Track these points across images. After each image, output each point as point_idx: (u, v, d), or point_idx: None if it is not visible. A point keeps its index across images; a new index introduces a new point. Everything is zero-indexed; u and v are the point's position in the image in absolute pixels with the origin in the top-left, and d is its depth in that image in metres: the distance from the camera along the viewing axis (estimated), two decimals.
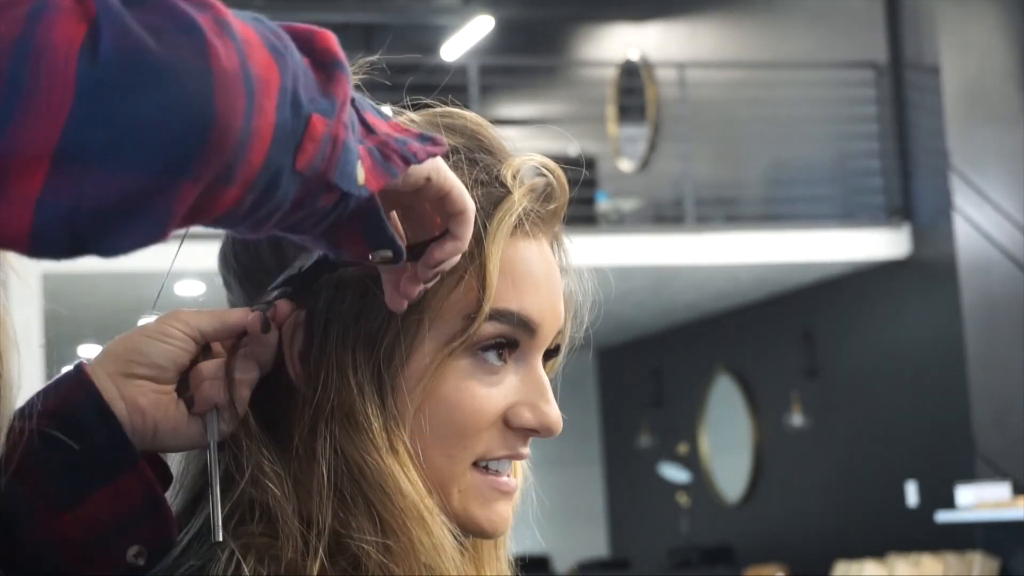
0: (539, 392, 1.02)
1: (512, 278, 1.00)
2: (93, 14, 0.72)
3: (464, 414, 0.99)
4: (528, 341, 1.02)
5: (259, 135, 0.76)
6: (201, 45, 0.74)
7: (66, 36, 0.71)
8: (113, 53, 0.71)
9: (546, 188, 1.04)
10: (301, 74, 0.80)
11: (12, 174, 0.70)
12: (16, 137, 0.70)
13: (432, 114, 1.06)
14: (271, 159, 0.78)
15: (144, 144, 0.72)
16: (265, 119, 0.76)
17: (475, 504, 1.01)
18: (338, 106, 0.82)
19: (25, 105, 0.70)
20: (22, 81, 0.70)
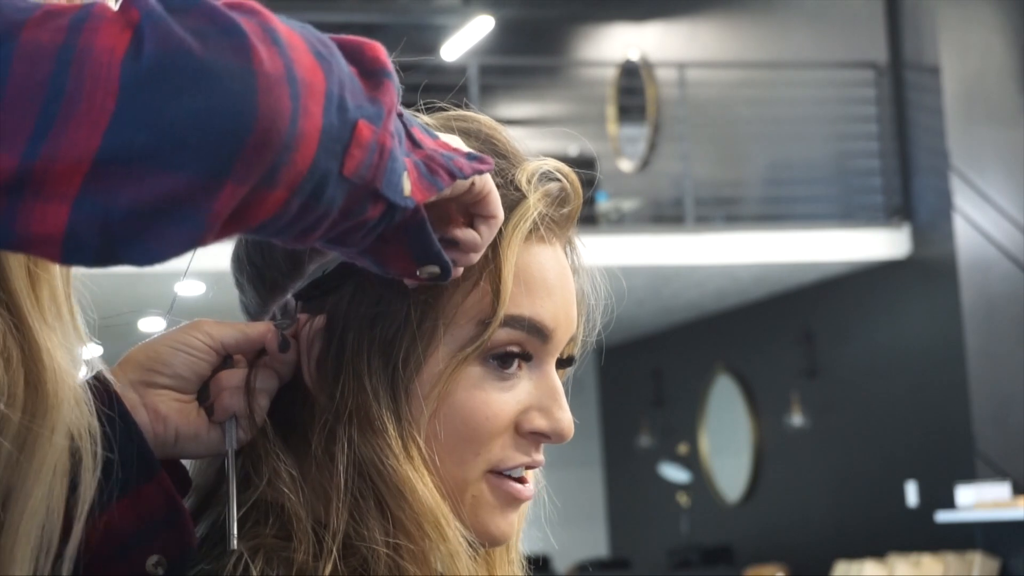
0: (552, 398, 1.02)
1: (526, 283, 1.00)
2: (136, 20, 0.72)
3: (477, 420, 0.99)
4: (541, 347, 1.02)
5: (305, 138, 0.76)
6: (244, 48, 0.74)
7: (109, 43, 0.71)
8: (156, 56, 0.72)
9: (561, 192, 1.04)
10: (348, 80, 0.80)
11: (53, 177, 0.71)
12: (59, 142, 0.70)
13: (446, 117, 1.06)
14: (318, 163, 0.77)
15: (185, 144, 0.72)
16: (311, 122, 0.76)
17: (486, 512, 1.01)
18: (385, 114, 0.81)
19: (68, 110, 0.70)
20: (64, 87, 0.70)
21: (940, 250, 8.86)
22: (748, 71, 10.49)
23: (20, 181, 0.70)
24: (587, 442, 13.05)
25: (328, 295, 1.00)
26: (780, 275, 9.74)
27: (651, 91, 11.80)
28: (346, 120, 0.79)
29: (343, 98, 0.79)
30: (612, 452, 13.05)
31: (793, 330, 10.20)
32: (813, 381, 10.03)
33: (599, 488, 13.18)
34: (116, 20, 0.72)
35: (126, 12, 0.72)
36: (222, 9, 0.75)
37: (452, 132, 1.03)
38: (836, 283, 9.79)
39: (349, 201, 0.81)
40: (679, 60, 10.45)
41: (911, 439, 9.09)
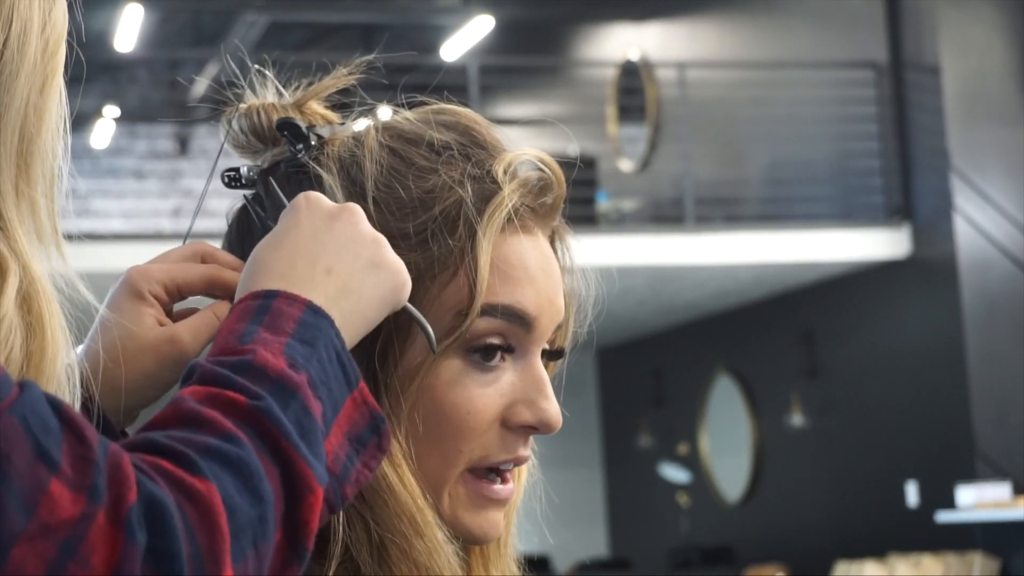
0: (537, 388, 1.01)
1: (505, 273, 1.00)
2: (121, 545, 0.75)
3: (459, 415, 0.99)
4: (524, 336, 1.01)
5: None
6: (217, 542, 0.79)
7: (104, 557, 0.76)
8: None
9: (539, 182, 1.03)
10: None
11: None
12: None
13: (428, 111, 1.06)
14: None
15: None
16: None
17: (464, 510, 1.01)
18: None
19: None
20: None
21: (940, 250, 8.86)
22: (748, 71, 10.49)
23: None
24: (587, 442, 13.05)
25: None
26: (780, 275, 9.74)
27: (651, 91, 11.80)
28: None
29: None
30: (612, 452, 13.04)
31: (793, 330, 10.20)
32: (813, 381, 10.03)
33: (599, 488, 13.17)
34: (107, 532, 0.75)
35: (117, 522, 0.75)
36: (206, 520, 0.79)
37: (431, 125, 1.04)
38: (836, 283, 9.79)
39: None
40: (679, 60, 10.45)
41: (911, 439, 9.09)
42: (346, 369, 0.89)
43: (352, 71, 1.07)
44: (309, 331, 0.88)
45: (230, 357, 0.86)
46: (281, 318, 0.88)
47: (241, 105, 1.06)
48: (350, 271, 0.93)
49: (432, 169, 1.01)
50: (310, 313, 0.89)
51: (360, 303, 0.92)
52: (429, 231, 0.99)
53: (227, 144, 1.07)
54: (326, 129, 1.04)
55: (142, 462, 0.78)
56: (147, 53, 13.50)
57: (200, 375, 0.85)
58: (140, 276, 1.02)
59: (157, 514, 0.76)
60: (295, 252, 0.92)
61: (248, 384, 0.84)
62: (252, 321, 0.88)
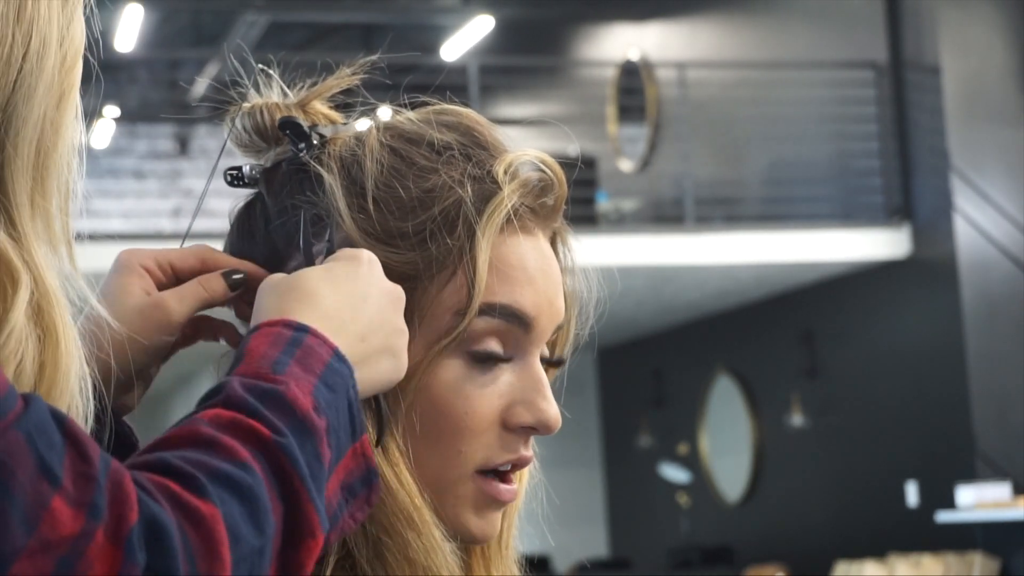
0: (535, 389, 1.01)
1: (504, 273, 1.00)
2: (120, 564, 0.75)
3: (457, 415, 0.99)
4: (523, 336, 1.01)
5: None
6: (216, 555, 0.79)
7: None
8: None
9: (540, 182, 1.03)
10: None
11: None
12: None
13: (428, 111, 1.06)
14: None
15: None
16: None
17: (468, 510, 1.01)
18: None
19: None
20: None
21: (940, 250, 8.86)
22: (748, 71, 10.49)
23: None
24: (587, 442, 13.04)
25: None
26: (780, 275, 9.74)
27: (651, 91, 11.80)
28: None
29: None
30: (612, 452, 13.04)
31: (793, 330, 10.20)
32: (813, 381, 10.03)
33: (599, 488, 13.17)
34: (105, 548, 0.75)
35: (117, 540, 0.75)
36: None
37: (432, 125, 1.04)
38: (836, 283, 9.79)
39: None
40: (679, 60, 10.45)
41: (911, 439, 9.09)
42: (354, 420, 0.90)
43: (355, 71, 1.07)
44: (334, 376, 0.89)
45: (261, 383, 0.86)
46: (312, 357, 0.89)
47: (244, 104, 1.06)
48: (375, 349, 0.94)
49: (432, 169, 1.01)
50: (336, 359, 0.90)
51: (368, 378, 0.93)
52: (428, 230, 0.99)
53: (230, 143, 1.07)
54: (328, 128, 1.04)
55: (148, 482, 0.78)
56: (147, 53, 13.50)
57: (227, 398, 0.85)
58: (129, 254, 1.05)
59: (158, 535, 0.76)
60: (344, 303, 0.93)
61: (273, 418, 0.84)
62: (285, 351, 0.89)
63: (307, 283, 0.94)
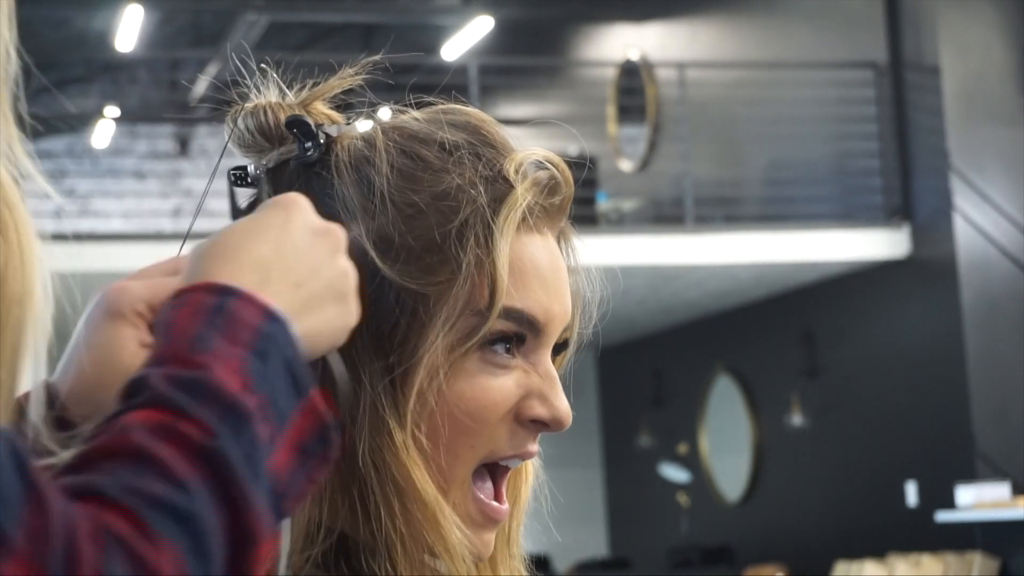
0: (549, 385, 1.02)
1: (518, 274, 1.00)
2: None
3: (476, 408, 0.99)
4: (535, 337, 1.01)
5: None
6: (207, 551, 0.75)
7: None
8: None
9: (550, 181, 1.03)
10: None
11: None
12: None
13: (435, 111, 1.06)
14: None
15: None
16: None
17: (463, 524, 1.00)
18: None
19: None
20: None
21: (940, 250, 8.86)
22: (748, 71, 10.49)
23: None
24: (587, 442, 13.05)
25: None
26: (780, 275, 9.74)
27: (651, 91, 11.80)
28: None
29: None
30: (612, 452, 13.04)
31: (793, 330, 10.20)
32: (813, 381, 10.03)
33: (599, 488, 13.18)
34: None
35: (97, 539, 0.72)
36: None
37: (441, 125, 1.04)
38: (836, 283, 9.79)
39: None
40: (679, 60, 10.45)
41: (911, 439, 9.09)
42: (296, 379, 0.83)
43: (358, 72, 1.07)
44: (266, 343, 0.81)
45: (182, 372, 0.79)
46: (238, 326, 0.81)
47: (247, 104, 1.06)
48: (315, 295, 0.87)
49: (444, 169, 1.01)
50: (267, 320, 0.82)
51: (312, 329, 0.87)
52: (444, 231, 0.99)
53: (231, 143, 1.07)
54: (334, 128, 1.04)
55: (96, 528, 0.72)
56: (147, 53, 13.51)
57: (151, 395, 0.78)
58: (120, 295, 0.97)
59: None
60: (272, 251, 0.86)
61: (203, 415, 0.77)
62: (207, 323, 0.81)
63: (230, 237, 0.87)
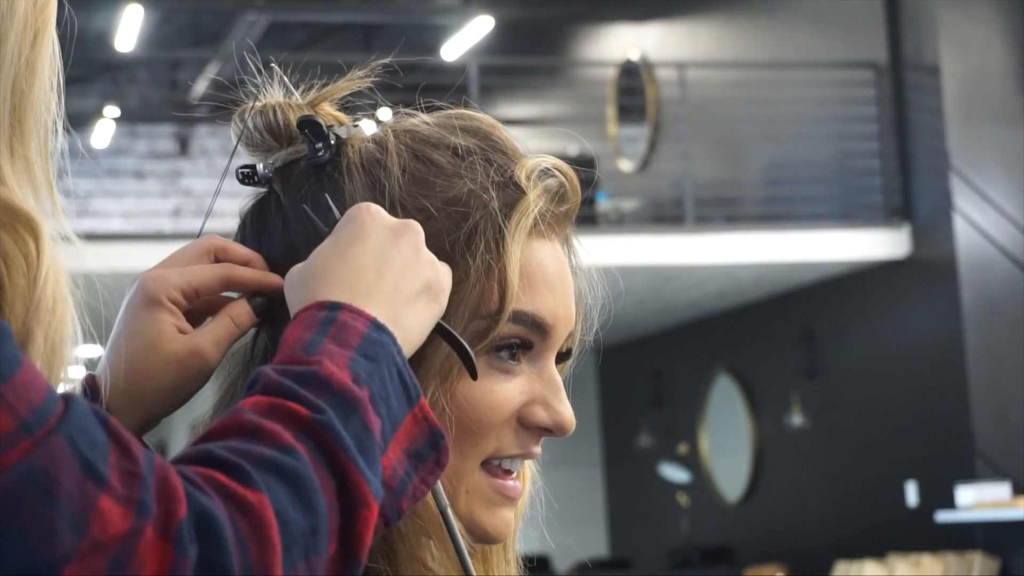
0: (553, 391, 1.03)
1: (527, 278, 1.01)
2: (172, 559, 0.75)
3: (481, 410, 1.00)
4: (542, 339, 1.02)
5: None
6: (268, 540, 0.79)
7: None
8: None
9: (560, 189, 1.04)
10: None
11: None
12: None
13: (446, 115, 1.06)
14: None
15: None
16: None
17: (481, 507, 1.01)
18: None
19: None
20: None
21: (940, 250, 8.86)
22: (748, 71, 10.49)
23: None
24: (587, 442, 13.05)
25: None
26: (780, 275, 9.74)
27: (651, 91, 11.80)
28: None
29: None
30: (612, 452, 13.05)
31: (793, 330, 10.20)
32: (813, 381, 10.03)
33: (599, 488, 13.17)
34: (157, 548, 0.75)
35: (167, 534, 0.76)
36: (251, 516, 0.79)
37: (453, 130, 1.04)
38: (836, 283, 9.79)
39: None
40: (679, 60, 10.45)
41: (911, 439, 9.09)
42: (407, 386, 0.90)
43: (367, 74, 1.08)
44: (373, 347, 0.89)
45: (295, 367, 0.86)
46: (346, 331, 0.89)
47: (256, 103, 1.06)
48: (411, 291, 0.94)
49: (456, 174, 1.02)
50: (374, 329, 0.90)
51: (414, 324, 0.94)
52: (455, 236, 1.00)
53: (238, 142, 1.07)
54: (343, 129, 1.04)
55: (194, 474, 0.79)
56: (147, 53, 13.50)
57: (264, 385, 0.85)
58: (156, 283, 1.02)
59: (208, 526, 0.76)
60: (363, 264, 0.93)
61: (311, 396, 0.84)
62: (318, 332, 0.89)
63: (322, 260, 0.94)
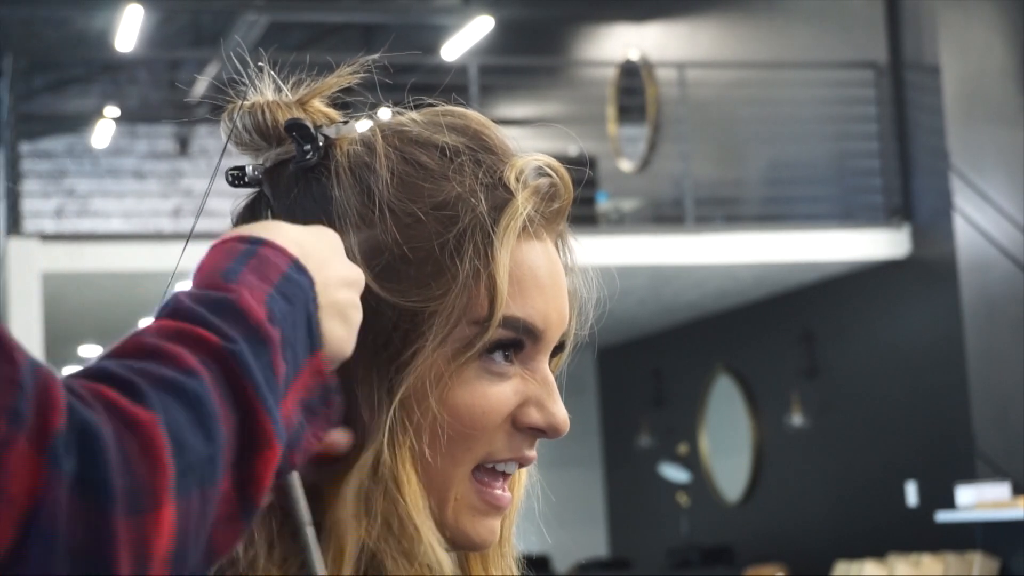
0: (546, 392, 1.01)
1: (517, 282, 1.00)
2: (44, 473, 0.71)
3: (474, 415, 0.99)
4: (534, 341, 1.01)
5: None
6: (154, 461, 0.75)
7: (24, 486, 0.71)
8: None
9: (550, 188, 1.03)
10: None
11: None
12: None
13: (434, 113, 1.05)
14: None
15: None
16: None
17: (467, 516, 1.00)
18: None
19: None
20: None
21: (940, 250, 8.86)
22: (748, 71, 10.49)
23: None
24: (587, 442, 13.05)
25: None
26: (780, 275, 9.74)
27: (651, 91, 11.80)
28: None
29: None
30: (612, 452, 13.05)
31: (793, 330, 10.20)
32: (813, 381, 10.03)
33: (599, 488, 13.18)
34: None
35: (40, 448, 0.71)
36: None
37: (440, 128, 1.03)
38: (836, 283, 9.79)
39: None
40: (679, 60, 10.45)
41: (911, 439, 9.09)
42: (312, 334, 0.87)
43: (355, 70, 1.07)
44: (291, 287, 0.86)
45: (211, 292, 0.83)
46: (267, 266, 0.86)
47: (244, 103, 1.05)
48: (331, 303, 0.90)
49: (444, 176, 1.01)
50: (295, 269, 0.87)
51: (333, 320, 0.90)
52: (444, 240, 0.99)
53: (228, 141, 1.06)
54: (332, 129, 1.03)
55: (82, 388, 0.74)
56: (147, 53, 13.50)
57: (173, 309, 0.81)
58: None
59: (87, 442, 0.72)
60: (311, 244, 0.91)
61: (223, 326, 0.80)
62: (238, 260, 0.85)
63: (271, 221, 0.93)
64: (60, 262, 8.26)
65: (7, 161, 9.10)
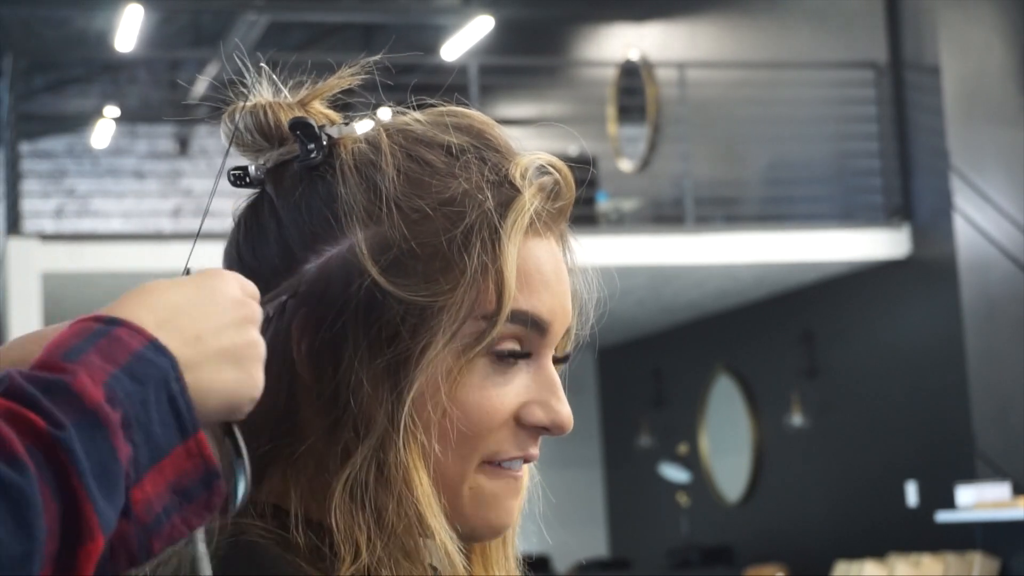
0: (550, 390, 1.02)
1: (524, 277, 1.00)
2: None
3: (479, 414, 0.99)
4: (538, 340, 1.02)
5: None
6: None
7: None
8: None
9: (554, 186, 1.04)
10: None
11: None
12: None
13: (438, 113, 1.06)
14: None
15: None
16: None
17: (485, 503, 1.01)
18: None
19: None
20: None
21: (940, 250, 8.86)
22: (748, 71, 10.49)
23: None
24: (587, 442, 13.05)
25: (321, 294, 1.00)
26: (780, 275, 9.74)
27: (651, 91, 11.80)
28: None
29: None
30: (612, 452, 13.05)
31: (793, 330, 10.20)
32: (813, 381, 10.03)
33: (599, 488, 13.18)
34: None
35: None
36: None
37: (445, 128, 1.04)
38: (836, 283, 9.79)
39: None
40: (679, 60, 10.45)
41: (911, 439, 9.09)
42: (180, 415, 0.82)
43: (356, 71, 1.07)
44: (143, 366, 0.81)
45: (47, 374, 0.79)
46: (117, 346, 0.82)
47: (246, 103, 1.05)
48: (214, 352, 0.86)
49: (451, 174, 1.01)
50: (151, 349, 0.83)
51: (204, 386, 0.85)
52: (451, 236, 0.99)
53: (229, 142, 1.06)
54: (335, 129, 1.04)
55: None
56: (147, 53, 13.51)
57: (8, 388, 0.78)
58: None
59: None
60: (182, 304, 0.87)
61: (52, 409, 0.77)
62: (86, 340, 0.82)
63: (151, 286, 0.88)
64: (60, 262, 8.26)
65: (7, 161, 9.10)
